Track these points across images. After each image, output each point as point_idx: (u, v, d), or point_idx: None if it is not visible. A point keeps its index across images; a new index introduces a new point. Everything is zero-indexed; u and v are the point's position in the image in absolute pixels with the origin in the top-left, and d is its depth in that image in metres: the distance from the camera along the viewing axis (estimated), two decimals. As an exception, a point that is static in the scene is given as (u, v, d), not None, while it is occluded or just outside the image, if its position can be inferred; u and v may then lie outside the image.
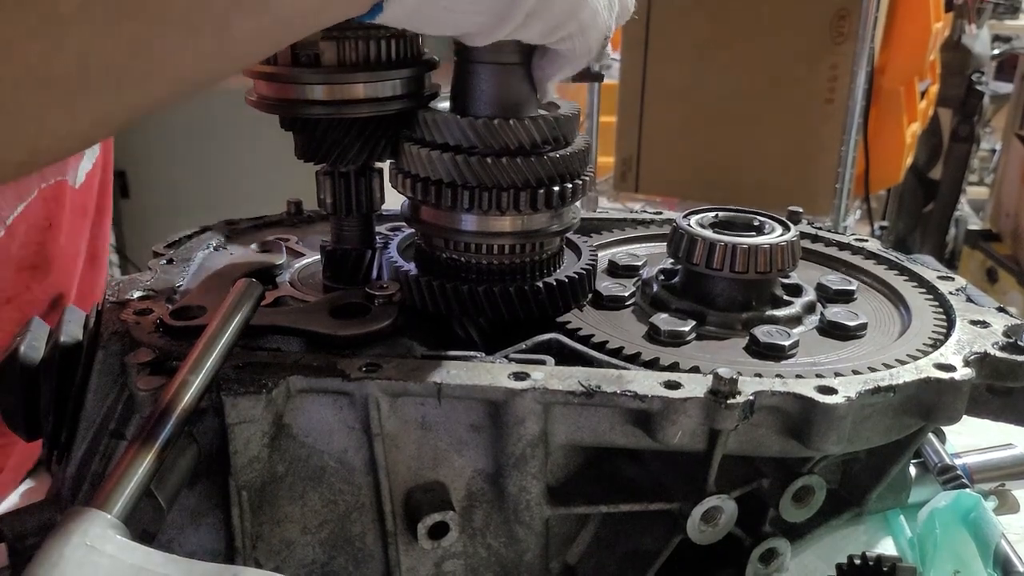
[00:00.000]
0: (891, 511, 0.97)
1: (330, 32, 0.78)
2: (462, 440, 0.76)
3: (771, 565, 0.84)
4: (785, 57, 2.98)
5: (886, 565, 0.76)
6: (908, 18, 3.38)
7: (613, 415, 0.74)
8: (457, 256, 0.85)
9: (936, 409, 0.77)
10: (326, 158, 0.86)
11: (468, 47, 0.79)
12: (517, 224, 0.83)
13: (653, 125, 3.27)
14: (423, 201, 0.83)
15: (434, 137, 0.81)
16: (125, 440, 0.74)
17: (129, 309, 0.83)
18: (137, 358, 0.74)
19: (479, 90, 0.81)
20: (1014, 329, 0.83)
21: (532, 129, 0.79)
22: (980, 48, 4.60)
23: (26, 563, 0.75)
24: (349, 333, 0.79)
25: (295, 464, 0.75)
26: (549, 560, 0.81)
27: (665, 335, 0.83)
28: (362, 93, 0.80)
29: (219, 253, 1.01)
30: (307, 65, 0.79)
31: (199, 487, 0.73)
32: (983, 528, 0.87)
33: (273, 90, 0.81)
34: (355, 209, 0.89)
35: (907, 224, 4.82)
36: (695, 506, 0.76)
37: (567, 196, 0.82)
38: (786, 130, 3.06)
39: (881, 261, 1.02)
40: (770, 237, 0.88)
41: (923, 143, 4.38)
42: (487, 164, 0.79)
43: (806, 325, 0.88)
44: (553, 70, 0.79)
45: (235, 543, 0.73)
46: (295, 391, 0.73)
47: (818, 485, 0.84)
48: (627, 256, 1.00)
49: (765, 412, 0.73)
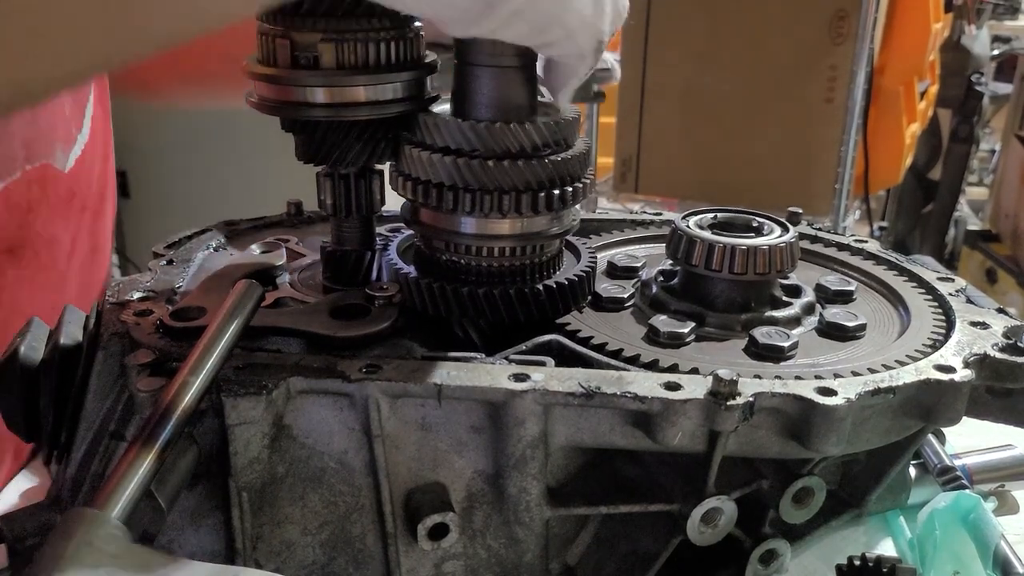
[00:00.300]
0: (891, 512, 0.97)
1: (330, 34, 0.78)
2: (462, 441, 0.76)
3: (771, 566, 0.84)
4: (784, 58, 2.98)
5: (886, 566, 0.76)
6: (907, 18, 3.39)
7: (613, 416, 0.74)
8: (457, 258, 0.85)
9: (936, 410, 0.77)
10: (326, 160, 0.86)
11: (468, 49, 0.79)
12: (517, 227, 0.83)
13: (652, 126, 3.27)
14: (423, 204, 0.83)
15: (434, 140, 0.81)
16: (125, 441, 0.74)
17: (129, 310, 0.83)
18: (137, 359, 0.74)
19: (479, 93, 0.81)
20: (1014, 330, 0.83)
21: (532, 133, 0.79)
22: (979, 49, 4.60)
23: (26, 564, 0.76)
24: (349, 334, 0.79)
25: (295, 465, 0.75)
26: (549, 561, 0.81)
27: (664, 337, 0.83)
28: (363, 96, 0.80)
29: (219, 254, 1.01)
30: (307, 67, 0.79)
31: (199, 488, 0.73)
32: (982, 529, 0.87)
33: (273, 92, 0.81)
34: (355, 211, 0.90)
35: (906, 224, 4.83)
36: (695, 507, 0.76)
37: (567, 199, 0.82)
38: (785, 130, 3.06)
39: (880, 262, 1.02)
40: (769, 238, 0.88)
41: (922, 144, 4.38)
42: (487, 167, 0.79)
43: (805, 326, 0.88)
44: (558, 80, 0.78)
45: (235, 544, 0.73)
46: (295, 392, 0.73)
47: (818, 486, 0.84)
48: (626, 257, 1.00)
49: (765, 413, 0.73)
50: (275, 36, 0.79)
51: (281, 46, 0.78)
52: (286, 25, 0.78)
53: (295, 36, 0.78)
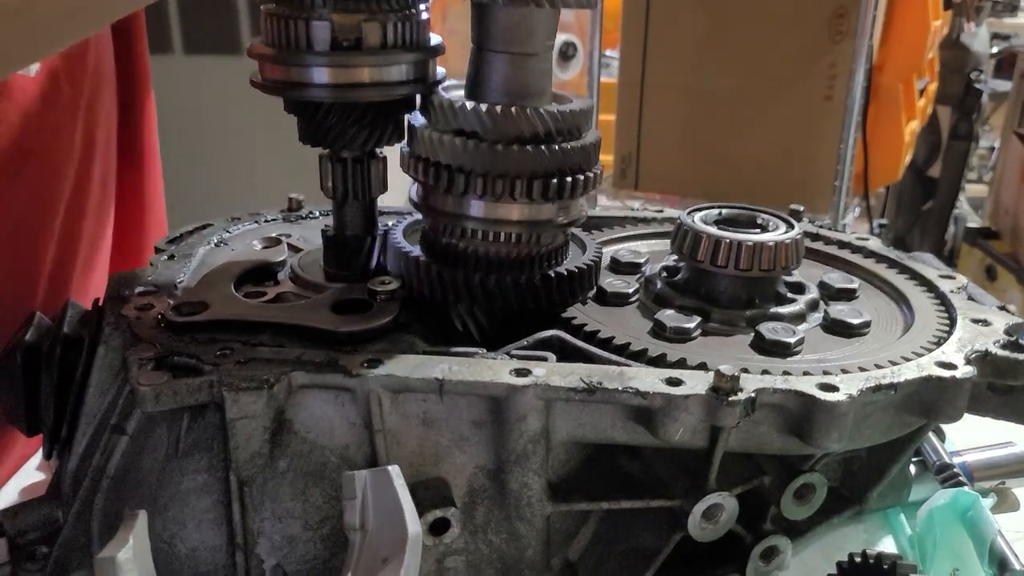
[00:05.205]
0: (891, 509, 0.97)
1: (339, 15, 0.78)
2: (463, 436, 0.76)
3: (772, 563, 0.84)
4: (784, 55, 2.98)
5: (887, 563, 0.76)
6: (907, 16, 3.38)
7: (615, 412, 0.74)
8: (464, 244, 0.85)
9: (937, 407, 0.77)
10: (328, 142, 0.86)
11: (484, 36, 0.79)
12: (525, 213, 0.83)
13: (652, 122, 3.27)
14: (433, 186, 0.83)
15: (448, 122, 0.81)
16: (126, 435, 0.74)
17: (130, 304, 0.83)
18: (138, 353, 0.74)
19: (493, 79, 0.81)
20: (1015, 327, 0.83)
21: (546, 119, 0.79)
22: (979, 46, 4.60)
23: (26, 559, 0.76)
24: (351, 329, 0.79)
25: (296, 460, 0.75)
26: (550, 556, 0.81)
27: (670, 331, 0.83)
28: (366, 77, 0.80)
29: (220, 249, 1.01)
30: (312, 48, 0.79)
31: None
32: (980, 526, 0.87)
33: (277, 72, 0.81)
34: (356, 195, 0.89)
35: (906, 222, 4.82)
36: (696, 503, 0.76)
37: (578, 188, 0.82)
38: (785, 127, 3.06)
39: (882, 260, 1.02)
40: (774, 234, 0.88)
41: (922, 141, 4.38)
42: (497, 151, 0.79)
43: (810, 322, 0.88)
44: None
45: (236, 539, 0.73)
46: (296, 387, 0.73)
47: (819, 483, 0.84)
48: (629, 253, 1.00)
49: (767, 409, 0.73)
50: (280, 16, 0.79)
51: (287, 26, 0.78)
52: (295, 5, 0.78)
53: (302, 15, 0.78)
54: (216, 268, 0.92)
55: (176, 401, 0.71)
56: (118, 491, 0.74)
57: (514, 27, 0.79)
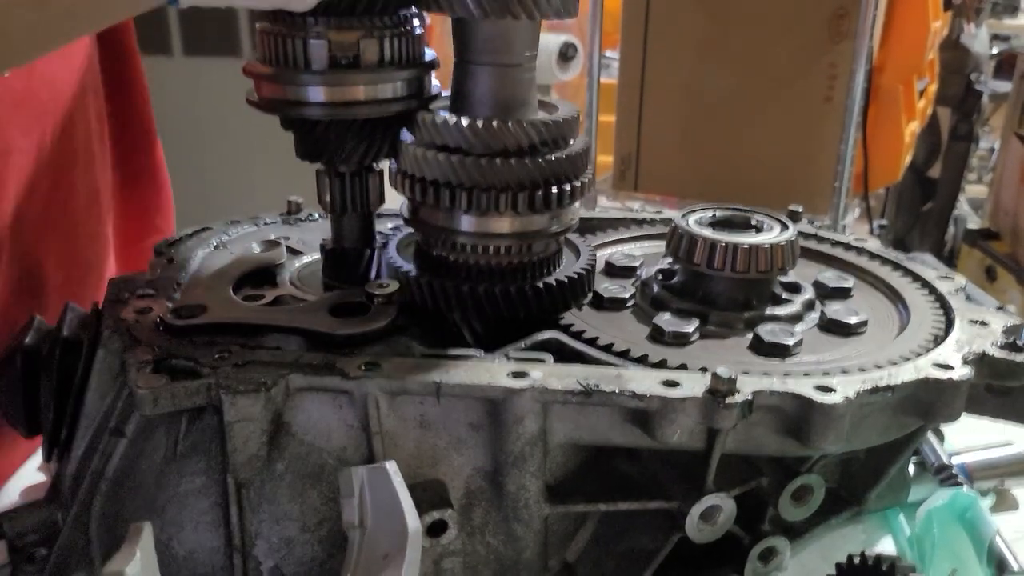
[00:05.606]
0: (890, 510, 0.97)
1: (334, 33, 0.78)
2: (461, 438, 0.76)
3: (770, 564, 0.84)
4: (784, 56, 2.98)
5: (885, 564, 0.76)
6: (907, 17, 3.38)
7: (612, 414, 0.74)
8: (456, 257, 0.85)
9: (935, 408, 0.77)
10: (326, 158, 0.86)
11: (467, 47, 0.79)
12: (516, 225, 0.83)
13: (652, 123, 3.26)
14: (422, 202, 0.83)
15: (433, 138, 0.81)
16: (125, 438, 0.74)
17: (129, 308, 0.83)
18: (137, 356, 0.74)
19: (478, 92, 0.81)
20: (1013, 329, 0.83)
21: (530, 131, 0.79)
22: (979, 47, 4.60)
23: (25, 560, 0.76)
24: (348, 332, 0.79)
25: (294, 462, 0.75)
26: (548, 558, 0.81)
27: (669, 336, 0.83)
28: (362, 94, 0.80)
29: (220, 252, 1.01)
30: (309, 66, 0.79)
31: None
32: (978, 527, 0.87)
33: (273, 90, 0.81)
34: (354, 208, 0.89)
35: (906, 222, 4.82)
36: (694, 505, 0.76)
37: (565, 198, 0.82)
38: (785, 128, 3.06)
39: (880, 260, 1.02)
40: (770, 236, 0.88)
41: (922, 142, 4.38)
42: (484, 165, 0.79)
43: (806, 323, 0.88)
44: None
45: (234, 541, 0.74)
46: (294, 389, 0.73)
47: (817, 484, 0.85)
48: (623, 256, 1.00)
49: (764, 411, 0.73)
50: (277, 35, 0.79)
51: (283, 45, 0.78)
52: (291, 24, 0.78)
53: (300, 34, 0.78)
54: (215, 271, 0.92)
55: (174, 404, 0.71)
56: (117, 493, 0.75)
57: (494, 39, 0.79)
